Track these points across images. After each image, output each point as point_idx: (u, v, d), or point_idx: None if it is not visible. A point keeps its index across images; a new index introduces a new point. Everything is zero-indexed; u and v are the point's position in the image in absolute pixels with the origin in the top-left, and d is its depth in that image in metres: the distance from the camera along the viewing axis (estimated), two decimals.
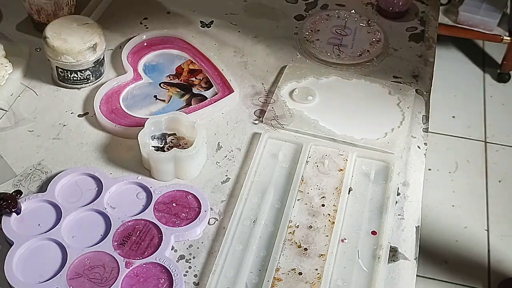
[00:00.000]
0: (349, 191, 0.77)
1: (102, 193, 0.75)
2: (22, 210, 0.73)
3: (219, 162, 0.81)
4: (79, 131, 0.84)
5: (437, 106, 1.88)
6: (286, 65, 0.94)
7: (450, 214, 1.75)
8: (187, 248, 0.72)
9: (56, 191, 0.75)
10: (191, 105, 0.87)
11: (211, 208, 0.75)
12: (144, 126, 0.78)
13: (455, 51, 2.26)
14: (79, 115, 0.87)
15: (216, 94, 0.89)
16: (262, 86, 0.92)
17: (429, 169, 1.84)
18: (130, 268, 0.68)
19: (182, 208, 0.74)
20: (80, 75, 0.88)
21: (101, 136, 0.84)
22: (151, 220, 0.72)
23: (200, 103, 0.88)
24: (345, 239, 0.72)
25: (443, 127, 1.98)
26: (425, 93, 0.92)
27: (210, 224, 0.74)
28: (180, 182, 0.78)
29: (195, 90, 0.90)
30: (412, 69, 0.95)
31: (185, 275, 0.69)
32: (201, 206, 0.74)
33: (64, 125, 0.85)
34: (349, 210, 0.75)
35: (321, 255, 0.70)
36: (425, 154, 0.83)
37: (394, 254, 0.72)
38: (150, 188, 0.76)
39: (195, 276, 0.69)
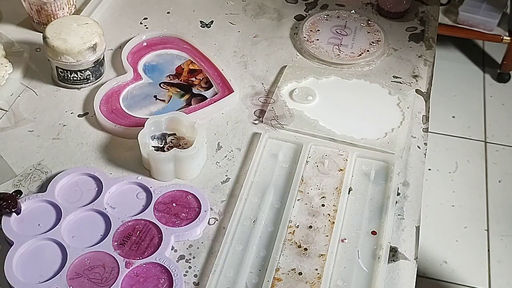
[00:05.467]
0: (349, 191, 0.77)
1: (102, 193, 0.75)
2: (22, 210, 0.73)
3: (219, 162, 0.81)
4: (79, 131, 0.84)
5: (437, 106, 1.89)
6: (286, 65, 0.94)
7: (450, 214, 1.75)
8: (187, 248, 0.72)
9: (56, 191, 0.75)
10: (191, 105, 0.87)
11: (211, 208, 0.75)
12: (144, 126, 0.78)
13: (455, 51, 2.26)
14: (79, 115, 0.87)
15: (216, 94, 0.89)
16: (262, 86, 0.92)
17: (429, 169, 1.84)
18: (130, 268, 0.68)
19: (182, 208, 0.74)
20: (80, 75, 0.88)
21: (101, 136, 0.84)
22: (151, 220, 0.72)
23: (200, 103, 0.88)
24: (345, 239, 0.72)
25: (443, 127, 1.98)
26: (425, 93, 0.92)
27: (210, 224, 0.74)
28: (180, 182, 0.78)
29: (195, 90, 0.90)
30: (412, 69, 0.95)
31: (185, 275, 0.69)
32: (201, 206, 0.74)
33: (64, 125, 0.85)
34: (349, 210, 0.75)
35: (321, 255, 0.70)
36: (425, 154, 0.83)
37: (394, 254, 0.72)
38: (150, 188, 0.76)
39: (195, 276, 0.69)
